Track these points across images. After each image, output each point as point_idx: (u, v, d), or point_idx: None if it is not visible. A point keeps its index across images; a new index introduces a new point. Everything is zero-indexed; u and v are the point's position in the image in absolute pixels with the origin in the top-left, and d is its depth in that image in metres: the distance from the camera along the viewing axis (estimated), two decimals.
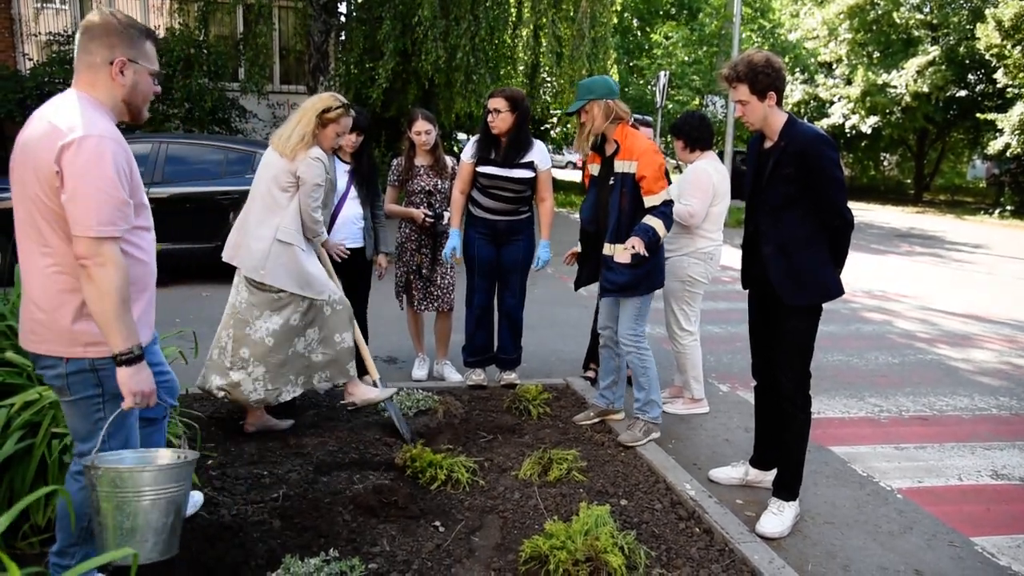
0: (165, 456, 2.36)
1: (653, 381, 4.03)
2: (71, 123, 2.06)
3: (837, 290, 3.26)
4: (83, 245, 2.04)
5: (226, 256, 3.82)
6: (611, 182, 3.97)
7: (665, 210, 3.83)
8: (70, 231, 2.06)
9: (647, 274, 3.92)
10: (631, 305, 3.99)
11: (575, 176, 28.78)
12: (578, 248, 4.34)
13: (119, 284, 2.06)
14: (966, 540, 3.36)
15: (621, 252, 3.80)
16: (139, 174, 2.24)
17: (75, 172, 2.03)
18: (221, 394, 3.76)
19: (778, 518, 3.32)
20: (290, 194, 3.71)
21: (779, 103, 3.18)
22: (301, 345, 3.82)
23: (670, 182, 4.56)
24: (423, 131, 4.82)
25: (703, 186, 4.45)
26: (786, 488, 3.37)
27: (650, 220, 3.80)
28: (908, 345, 6.83)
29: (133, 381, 2.13)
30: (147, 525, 2.10)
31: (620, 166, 3.91)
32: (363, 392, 3.96)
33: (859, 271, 10.70)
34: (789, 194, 3.16)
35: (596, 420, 4.29)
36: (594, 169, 4.14)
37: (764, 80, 3.12)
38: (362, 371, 4.82)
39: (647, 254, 3.73)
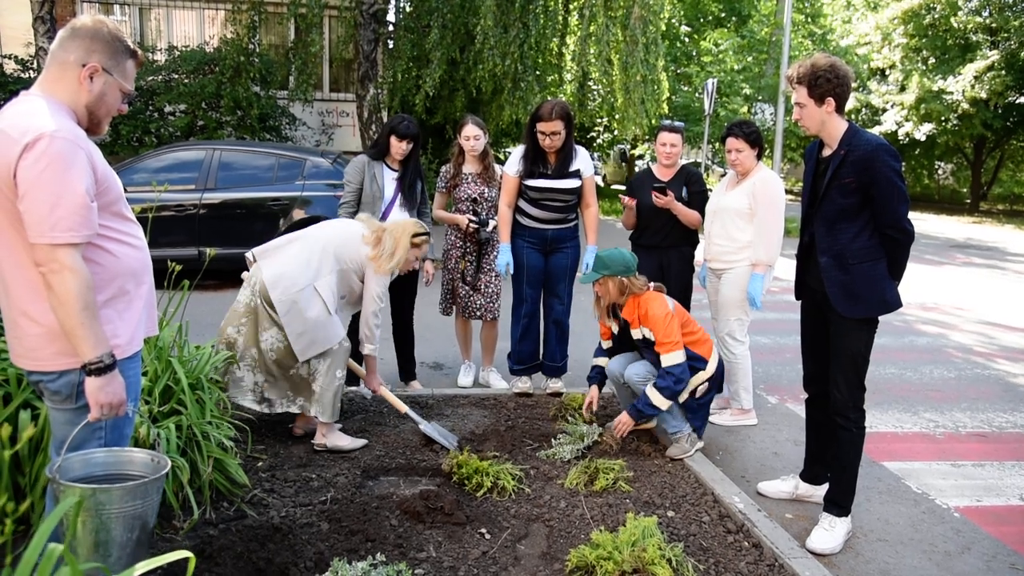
0: (138, 458, 2.24)
1: (676, 411, 3.99)
2: (22, 126, 1.95)
3: (895, 303, 3.18)
4: (38, 252, 1.94)
5: (258, 250, 3.83)
6: (636, 343, 4.11)
7: (668, 378, 3.83)
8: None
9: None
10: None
11: (618, 184, 28.65)
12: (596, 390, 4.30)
13: (78, 291, 1.95)
14: None
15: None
16: (108, 168, 2.12)
17: (27, 176, 1.92)
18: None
19: (829, 534, 3.25)
20: (338, 268, 3.79)
21: (839, 111, 3.12)
22: (305, 371, 3.80)
23: (703, 206, 4.63)
24: (471, 136, 4.83)
25: (782, 199, 4.47)
26: (837, 504, 3.30)
27: (653, 395, 3.83)
28: (965, 359, 6.63)
29: (102, 393, 2.02)
30: (111, 540, 2.03)
31: (636, 333, 4.02)
32: (335, 439, 3.84)
33: (913, 282, 10.43)
34: (848, 204, 3.10)
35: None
36: (614, 326, 4.24)
37: (824, 85, 3.07)
38: (410, 375, 4.87)
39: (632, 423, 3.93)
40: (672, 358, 3.85)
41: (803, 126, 3.20)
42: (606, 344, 4.35)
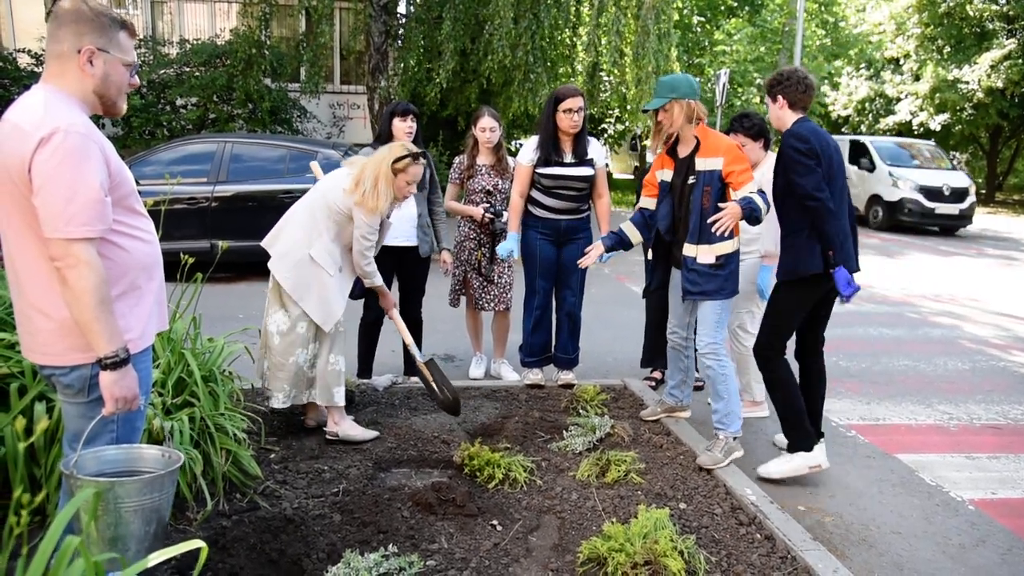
0: (149, 454, 2.23)
1: (733, 391, 3.81)
2: (35, 121, 1.94)
3: (805, 270, 3.57)
4: (53, 247, 1.93)
5: (265, 242, 3.83)
6: (691, 181, 3.81)
7: (763, 196, 3.65)
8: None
9: (730, 276, 3.79)
10: (712, 312, 3.80)
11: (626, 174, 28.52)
12: (601, 247, 4.10)
13: (93, 286, 1.94)
14: None
15: (705, 251, 3.74)
16: (121, 163, 2.11)
17: (42, 171, 1.91)
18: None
19: (779, 462, 3.77)
20: (332, 222, 3.72)
21: (791, 107, 3.67)
22: (303, 358, 3.75)
23: None
24: (488, 128, 4.83)
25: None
26: (789, 441, 3.80)
27: (756, 198, 3.59)
28: (979, 351, 6.58)
29: (117, 387, 2.01)
30: (129, 534, 2.03)
31: (703, 164, 3.75)
32: (347, 428, 3.84)
33: (927, 273, 10.35)
34: (780, 185, 3.65)
35: (662, 415, 4.29)
36: (665, 175, 3.99)
37: (775, 86, 3.69)
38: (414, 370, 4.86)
39: (733, 228, 3.58)
40: (754, 186, 3.65)
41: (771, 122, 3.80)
42: (648, 203, 4.06)
